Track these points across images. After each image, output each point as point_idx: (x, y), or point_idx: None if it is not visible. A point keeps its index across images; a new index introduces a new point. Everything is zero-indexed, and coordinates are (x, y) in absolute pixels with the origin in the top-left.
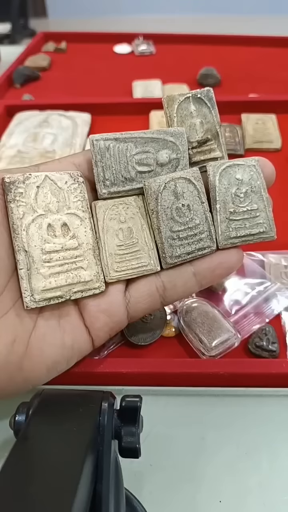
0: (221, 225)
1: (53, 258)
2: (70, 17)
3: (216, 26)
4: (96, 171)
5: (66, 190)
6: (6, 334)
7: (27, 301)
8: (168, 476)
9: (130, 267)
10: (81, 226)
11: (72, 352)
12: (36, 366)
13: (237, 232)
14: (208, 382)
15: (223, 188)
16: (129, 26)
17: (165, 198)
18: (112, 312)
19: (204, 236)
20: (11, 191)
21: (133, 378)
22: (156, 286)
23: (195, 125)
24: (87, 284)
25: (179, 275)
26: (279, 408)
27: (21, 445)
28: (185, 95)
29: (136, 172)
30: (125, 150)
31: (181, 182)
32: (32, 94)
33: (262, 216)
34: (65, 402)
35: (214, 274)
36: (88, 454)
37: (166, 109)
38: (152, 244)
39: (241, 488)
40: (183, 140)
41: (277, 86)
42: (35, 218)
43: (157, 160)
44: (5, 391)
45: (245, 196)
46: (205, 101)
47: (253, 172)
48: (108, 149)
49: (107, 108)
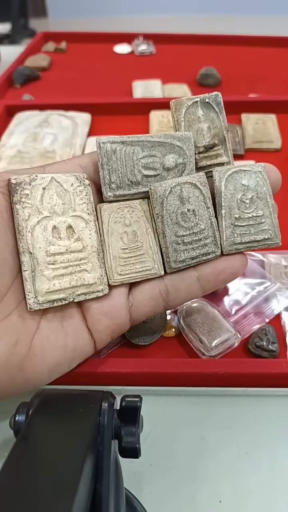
0: (226, 231)
1: (58, 260)
2: (70, 17)
3: (216, 26)
4: (102, 173)
5: (72, 192)
6: (9, 335)
7: (31, 303)
8: (168, 476)
9: (134, 271)
10: (86, 229)
11: (74, 354)
12: (37, 368)
13: (242, 238)
14: (208, 382)
15: (229, 193)
16: (129, 26)
17: (171, 202)
18: (114, 315)
19: (208, 241)
20: (17, 192)
21: (133, 378)
22: (159, 290)
23: (203, 130)
24: (90, 287)
25: (183, 279)
26: (279, 408)
27: (21, 445)
28: (193, 100)
29: (142, 176)
30: (131, 153)
31: (187, 187)
32: (32, 94)
33: (267, 223)
34: (65, 402)
35: (218, 279)
36: (88, 454)
37: (174, 113)
38: (156, 248)
39: (241, 488)
40: (190, 145)
41: (277, 86)
42: (41, 220)
43: (163, 164)
44: (6, 391)
45: (251, 202)
46: (213, 106)
47: (259, 178)
48: (115, 152)
49: (107, 108)
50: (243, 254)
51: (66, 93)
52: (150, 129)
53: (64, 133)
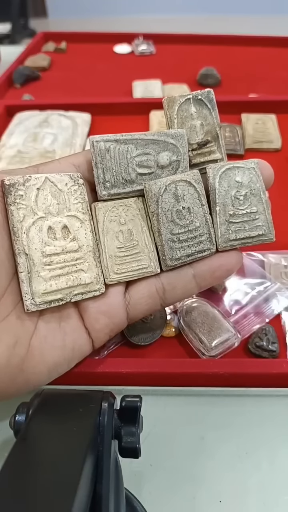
0: (220, 228)
1: (54, 261)
2: (70, 17)
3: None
4: (96, 172)
5: (66, 192)
6: (7, 336)
7: (28, 304)
8: (168, 476)
9: (130, 269)
10: (81, 228)
11: (72, 353)
12: (37, 368)
13: (236, 235)
14: (208, 382)
15: (223, 190)
16: (129, 26)
17: (166, 200)
18: (112, 314)
19: (204, 238)
20: (11, 194)
21: (133, 378)
22: (156, 287)
23: (196, 127)
24: (87, 287)
25: (179, 277)
26: (279, 408)
27: (21, 445)
28: (186, 97)
29: (136, 174)
30: (125, 152)
31: (182, 185)
32: (32, 94)
33: (261, 219)
34: (65, 402)
35: (213, 276)
36: (88, 454)
37: (167, 110)
38: (152, 246)
39: (241, 488)
40: (184, 142)
41: (277, 86)
42: (36, 221)
43: (157, 162)
44: (6, 392)
45: (245, 199)
46: (206, 103)
47: (252, 174)
48: (109, 151)
49: (107, 108)
50: (238, 250)
51: (66, 93)
52: (150, 129)
53: (64, 133)
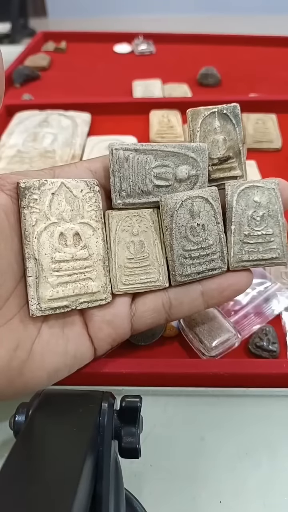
0: (234, 247)
1: (62, 268)
2: (70, 17)
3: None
4: (112, 180)
5: (81, 199)
6: (9, 340)
7: (33, 309)
8: (168, 476)
9: (138, 281)
10: (93, 236)
11: (74, 360)
12: (37, 373)
13: (249, 256)
14: (208, 382)
15: (240, 209)
16: (129, 25)
17: (181, 216)
18: (116, 324)
19: (216, 256)
20: (26, 197)
21: (133, 378)
22: (162, 302)
23: (218, 142)
24: (94, 295)
25: (187, 293)
26: (279, 408)
27: (21, 445)
28: (211, 110)
29: (153, 186)
30: (144, 162)
31: (198, 201)
32: (32, 93)
33: (276, 242)
34: (65, 402)
35: (222, 295)
36: (88, 454)
37: (190, 122)
38: (162, 260)
39: (241, 488)
40: (204, 157)
41: (277, 86)
42: (48, 226)
43: (175, 175)
44: (4, 395)
45: (262, 220)
46: (231, 118)
47: (272, 195)
48: (127, 160)
49: (107, 107)
50: (249, 271)
51: (66, 93)
52: (150, 129)
53: (64, 132)
